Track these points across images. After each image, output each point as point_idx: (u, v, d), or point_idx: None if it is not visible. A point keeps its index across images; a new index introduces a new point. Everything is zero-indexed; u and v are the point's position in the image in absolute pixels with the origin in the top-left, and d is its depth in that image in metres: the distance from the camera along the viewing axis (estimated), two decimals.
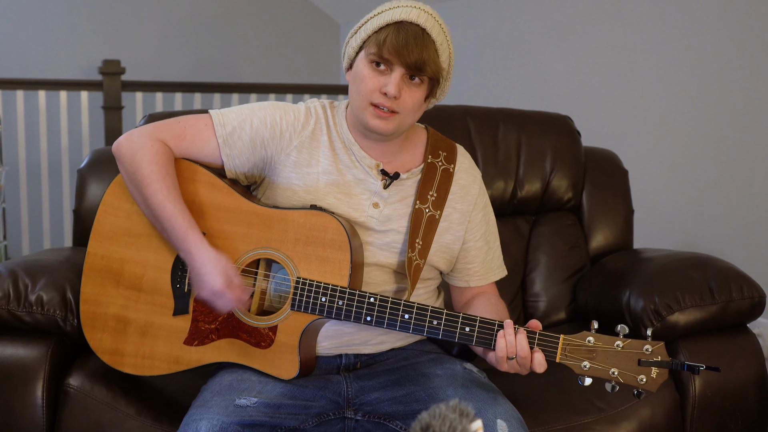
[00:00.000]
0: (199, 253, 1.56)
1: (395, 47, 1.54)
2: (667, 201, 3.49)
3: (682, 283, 1.90)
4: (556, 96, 4.06)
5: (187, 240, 1.57)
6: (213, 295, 1.55)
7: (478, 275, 1.77)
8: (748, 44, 3.15)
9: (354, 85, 1.62)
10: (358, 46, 1.61)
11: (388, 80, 1.57)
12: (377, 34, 1.57)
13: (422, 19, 1.56)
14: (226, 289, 1.54)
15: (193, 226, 1.58)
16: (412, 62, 1.54)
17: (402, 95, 1.57)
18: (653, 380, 1.47)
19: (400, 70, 1.56)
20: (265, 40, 5.72)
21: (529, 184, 2.29)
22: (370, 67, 1.58)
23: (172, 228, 1.58)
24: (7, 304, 1.78)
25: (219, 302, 1.56)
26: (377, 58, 1.56)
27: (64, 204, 4.44)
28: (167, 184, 1.59)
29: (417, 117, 1.65)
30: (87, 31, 5.19)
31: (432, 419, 0.96)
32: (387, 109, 1.58)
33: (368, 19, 1.61)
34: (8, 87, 4.33)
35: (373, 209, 1.67)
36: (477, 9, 4.53)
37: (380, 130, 1.60)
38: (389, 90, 1.56)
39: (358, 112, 1.62)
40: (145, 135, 1.63)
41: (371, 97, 1.58)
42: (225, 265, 1.56)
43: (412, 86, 1.58)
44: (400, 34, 1.54)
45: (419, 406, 1.54)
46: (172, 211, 1.58)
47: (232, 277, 1.56)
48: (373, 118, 1.59)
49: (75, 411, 1.76)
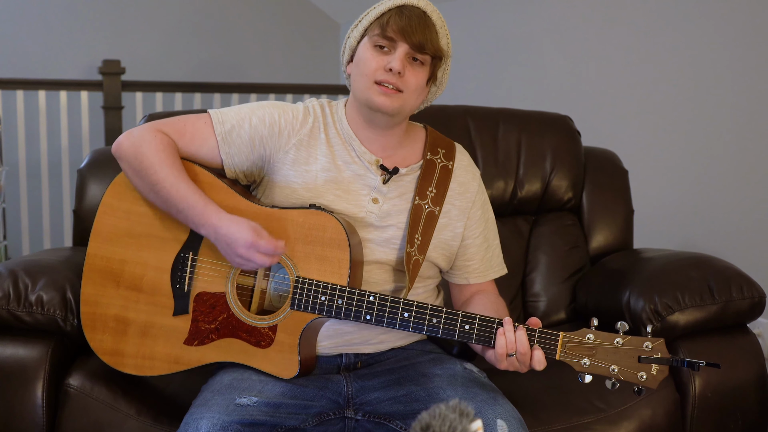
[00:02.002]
0: (222, 222, 1.56)
1: (399, 26, 1.60)
2: (667, 201, 3.49)
3: (682, 283, 1.90)
4: (556, 96, 4.06)
5: (207, 213, 1.57)
6: (248, 250, 1.53)
7: (477, 272, 1.78)
8: (748, 44, 3.15)
9: (357, 69, 1.65)
10: (360, 35, 1.67)
11: (392, 58, 1.61)
12: (379, 19, 1.64)
13: (422, 3, 1.65)
14: (259, 240, 1.53)
15: (209, 200, 1.59)
16: (415, 40, 1.60)
17: (406, 74, 1.61)
18: (653, 377, 1.47)
19: (404, 47, 1.61)
20: (265, 40, 5.72)
21: (529, 184, 2.29)
22: (374, 49, 1.63)
23: (188, 207, 1.58)
24: (7, 304, 1.78)
25: (257, 256, 1.53)
26: (381, 39, 1.61)
27: (64, 204, 4.44)
28: (177, 168, 1.60)
29: (420, 101, 1.68)
30: (87, 31, 5.18)
31: (432, 419, 0.96)
32: (392, 87, 1.61)
33: (369, 11, 1.67)
34: (8, 87, 4.33)
35: (372, 205, 1.68)
36: (477, 9, 4.53)
37: (386, 107, 1.62)
38: (394, 65, 1.59)
39: (362, 94, 1.64)
40: (146, 129, 1.65)
41: (376, 75, 1.61)
42: (247, 221, 1.55)
43: (415, 66, 1.63)
44: (403, 15, 1.61)
45: (419, 405, 1.54)
46: (186, 190, 1.58)
47: (260, 230, 1.55)
48: (379, 95, 1.62)
49: (75, 411, 1.76)
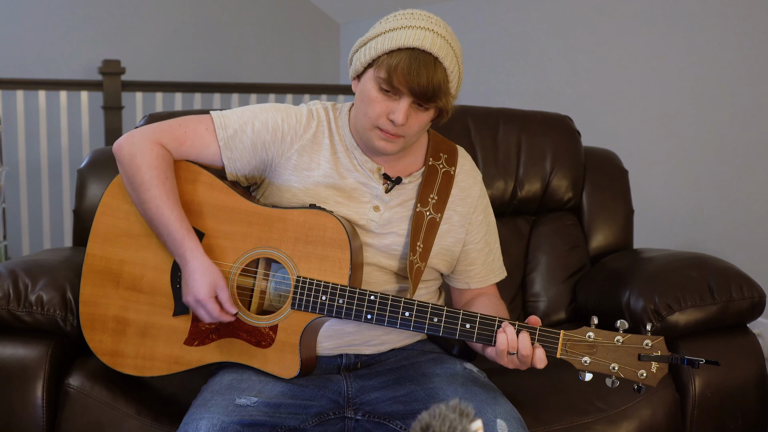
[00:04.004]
0: (193, 260, 1.57)
1: (405, 77, 1.51)
2: (667, 201, 3.49)
3: (682, 283, 1.90)
4: (556, 96, 4.06)
5: (183, 246, 1.58)
6: (195, 303, 1.57)
7: (478, 277, 1.77)
8: (748, 44, 3.15)
9: (360, 103, 1.60)
10: (367, 63, 1.57)
11: (396, 107, 1.55)
12: (388, 57, 1.52)
13: (436, 46, 1.52)
14: (208, 300, 1.55)
15: (191, 233, 1.59)
16: (421, 93, 1.52)
17: (409, 121, 1.56)
18: (653, 375, 1.47)
19: (409, 99, 1.54)
20: (265, 41, 5.71)
21: (529, 184, 2.29)
22: (379, 90, 1.56)
23: (168, 233, 1.59)
24: (7, 304, 1.78)
25: (200, 311, 1.58)
26: (386, 85, 1.54)
27: (64, 204, 4.44)
28: (166, 189, 1.59)
29: (421, 135, 1.66)
30: (87, 31, 5.18)
31: (432, 419, 0.96)
32: (393, 134, 1.58)
33: (379, 34, 1.56)
34: (8, 87, 4.32)
35: (373, 212, 1.67)
36: (477, 9, 4.52)
37: (386, 151, 1.61)
38: (396, 118, 1.54)
39: (363, 132, 1.62)
40: (145, 137, 1.63)
41: (378, 121, 1.57)
42: (215, 277, 1.57)
43: (420, 111, 1.57)
44: (412, 64, 1.50)
45: (419, 405, 1.54)
46: (169, 217, 1.58)
47: (219, 291, 1.57)
48: (379, 140, 1.59)
49: (75, 411, 1.75)
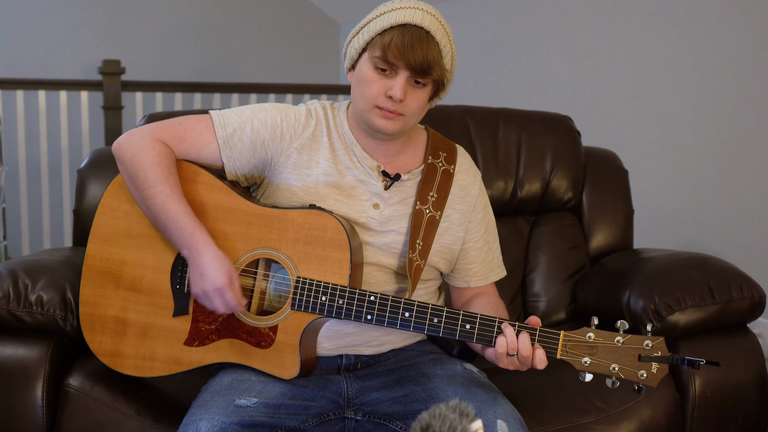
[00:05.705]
0: (207, 251, 1.56)
1: (400, 51, 1.54)
2: (667, 201, 3.49)
3: (682, 283, 1.90)
4: (556, 96, 4.06)
5: (195, 239, 1.57)
6: (214, 291, 1.55)
7: (477, 276, 1.77)
8: (748, 44, 3.15)
9: (358, 87, 1.62)
10: (361, 48, 1.61)
11: (393, 83, 1.57)
12: (381, 37, 1.56)
13: (426, 21, 1.56)
14: (227, 288, 1.55)
15: (200, 226, 1.59)
16: (416, 66, 1.54)
17: (407, 98, 1.58)
18: (654, 375, 1.47)
19: (405, 74, 1.56)
20: (265, 41, 5.71)
21: (529, 184, 2.29)
22: (375, 70, 1.58)
23: (177, 227, 1.58)
24: (7, 304, 1.78)
25: (217, 300, 1.56)
26: (382, 62, 1.56)
27: (64, 204, 4.44)
28: (170, 185, 1.59)
29: (421, 117, 1.66)
30: (87, 31, 5.18)
31: (432, 419, 0.96)
32: (393, 111, 1.58)
33: (371, 20, 1.60)
34: (8, 87, 4.32)
35: (373, 210, 1.67)
36: (477, 9, 4.52)
37: (386, 130, 1.61)
38: (394, 94, 1.56)
39: (362, 114, 1.62)
40: (146, 136, 1.63)
41: (376, 100, 1.58)
42: (230, 267, 1.57)
43: (417, 88, 1.59)
44: (405, 38, 1.54)
45: (419, 406, 1.54)
46: (177, 210, 1.58)
47: (234, 280, 1.57)
48: (379, 119, 1.60)
49: (75, 411, 1.75)
